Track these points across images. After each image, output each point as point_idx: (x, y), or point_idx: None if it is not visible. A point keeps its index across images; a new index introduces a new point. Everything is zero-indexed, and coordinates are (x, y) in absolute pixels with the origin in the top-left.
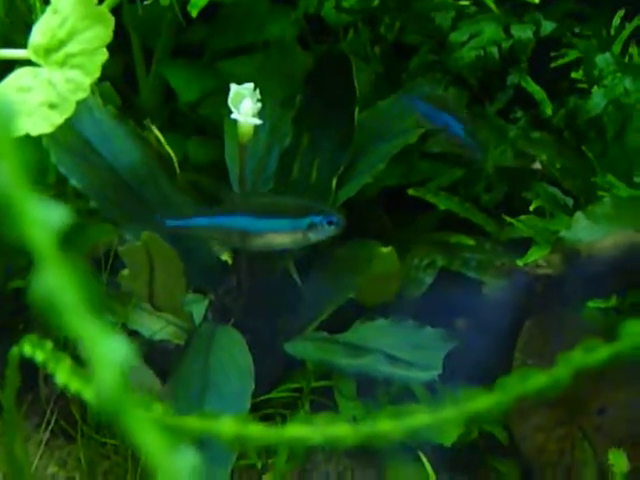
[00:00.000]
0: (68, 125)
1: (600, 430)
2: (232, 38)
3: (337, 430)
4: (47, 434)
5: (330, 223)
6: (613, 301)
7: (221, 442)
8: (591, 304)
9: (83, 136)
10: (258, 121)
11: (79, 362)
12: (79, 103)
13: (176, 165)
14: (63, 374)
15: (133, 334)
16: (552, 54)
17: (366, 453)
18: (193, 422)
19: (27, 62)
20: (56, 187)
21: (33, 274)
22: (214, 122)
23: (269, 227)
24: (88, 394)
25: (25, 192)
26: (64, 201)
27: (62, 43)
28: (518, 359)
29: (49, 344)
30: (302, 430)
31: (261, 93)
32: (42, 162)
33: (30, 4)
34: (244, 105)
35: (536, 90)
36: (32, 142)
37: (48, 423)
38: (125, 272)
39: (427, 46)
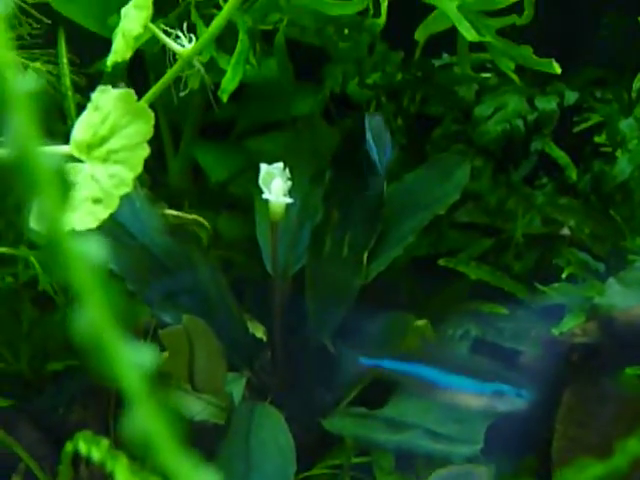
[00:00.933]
0: None
1: None
2: (259, 115)
3: None
4: None
5: (519, 395)
6: None
7: None
8: (629, 371)
9: (117, 218)
10: (289, 200)
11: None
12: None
13: (206, 240)
14: (122, 474)
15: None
16: (574, 119)
17: None
18: None
19: (69, 158)
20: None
21: (127, 413)
22: (244, 199)
23: (455, 384)
24: None
25: (116, 333)
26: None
27: (104, 139)
28: (559, 430)
29: (105, 442)
30: None
31: (290, 170)
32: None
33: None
34: (275, 185)
35: (560, 155)
36: None
37: None
38: (165, 355)
39: (450, 116)
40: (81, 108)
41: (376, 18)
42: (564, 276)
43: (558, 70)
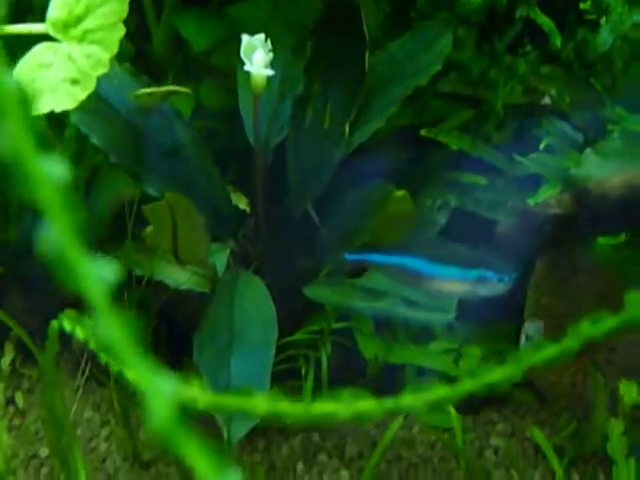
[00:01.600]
0: None
1: (611, 363)
2: None
3: (363, 405)
4: (81, 380)
5: (501, 280)
6: (623, 237)
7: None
8: (602, 241)
9: (100, 94)
10: (271, 72)
11: None
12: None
13: (189, 111)
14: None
15: (159, 285)
16: None
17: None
18: (227, 400)
19: (44, 37)
20: (77, 143)
21: (93, 320)
22: (226, 69)
23: (440, 273)
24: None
25: (79, 250)
26: (85, 157)
27: (80, 18)
28: (531, 297)
29: (88, 321)
30: (329, 406)
31: (271, 40)
32: (62, 120)
33: None
34: (256, 57)
35: (545, 21)
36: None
37: (83, 371)
38: (149, 229)
39: None
40: None
41: None
42: (542, 147)
43: None
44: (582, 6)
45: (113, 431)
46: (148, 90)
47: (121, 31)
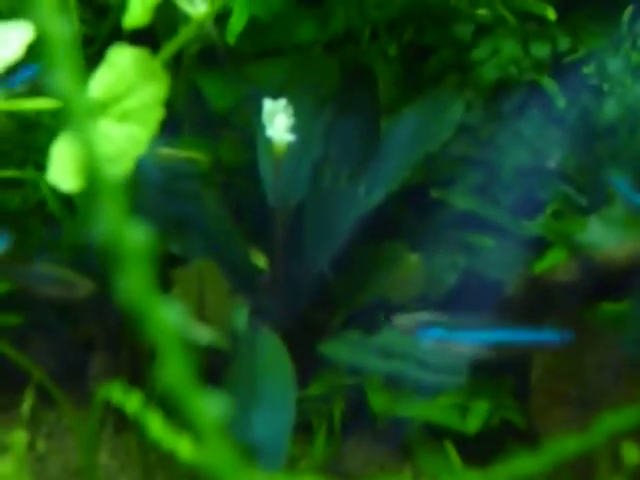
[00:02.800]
0: None
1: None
2: (261, 41)
3: None
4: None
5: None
6: (625, 305)
7: None
8: (606, 306)
9: None
10: (292, 137)
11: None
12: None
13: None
14: (156, 428)
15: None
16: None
17: (394, 439)
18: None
19: None
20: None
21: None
22: (245, 125)
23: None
24: (183, 450)
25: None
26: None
27: (120, 98)
28: (537, 360)
29: (138, 395)
30: None
31: (290, 102)
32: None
33: None
34: (278, 122)
35: (550, 85)
36: None
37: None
38: (176, 289)
39: (446, 47)
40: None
41: None
42: (548, 212)
43: (553, 16)
44: (585, 70)
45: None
46: (165, 151)
47: (160, 112)
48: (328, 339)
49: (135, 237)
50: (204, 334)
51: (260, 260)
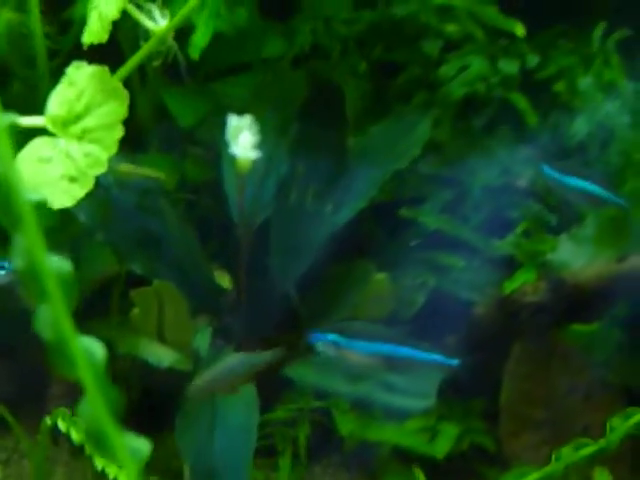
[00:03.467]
0: None
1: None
2: (227, 57)
3: None
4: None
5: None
6: (595, 325)
7: None
8: (575, 327)
9: None
10: (257, 155)
11: None
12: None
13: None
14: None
15: (142, 363)
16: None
17: (361, 463)
18: None
19: (44, 131)
20: (62, 221)
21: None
22: (210, 142)
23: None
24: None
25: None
26: (72, 233)
27: (79, 116)
28: (507, 382)
29: (81, 423)
30: None
31: (256, 119)
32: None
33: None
34: (243, 139)
35: (521, 102)
36: None
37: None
38: (135, 311)
39: (414, 64)
40: (51, 54)
41: None
42: (519, 230)
43: (522, 32)
44: (556, 87)
45: None
46: (126, 167)
47: (120, 131)
48: (294, 361)
49: (54, 266)
50: (165, 355)
51: (224, 280)
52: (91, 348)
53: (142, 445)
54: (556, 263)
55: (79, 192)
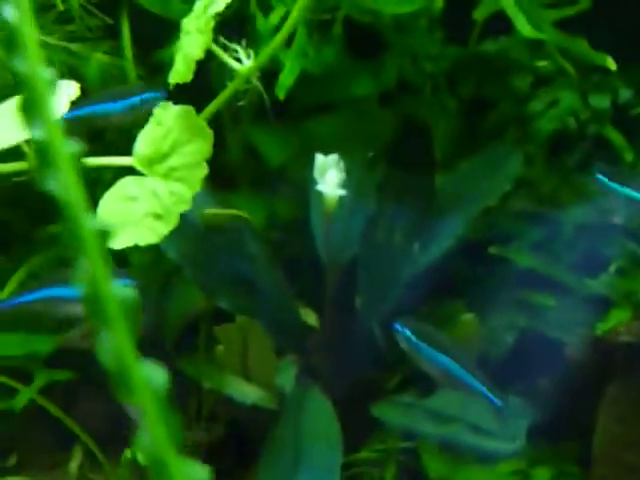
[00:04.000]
0: None
1: None
2: (317, 97)
3: None
4: None
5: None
6: None
7: None
8: None
9: None
10: (343, 192)
11: None
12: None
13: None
14: None
15: (228, 400)
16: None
17: None
18: None
19: (130, 169)
20: (153, 254)
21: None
22: (300, 180)
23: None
24: None
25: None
26: (161, 270)
27: (165, 155)
28: (600, 424)
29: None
30: None
31: (344, 157)
32: None
33: None
34: (329, 177)
35: (616, 138)
36: None
37: None
38: (220, 347)
39: (505, 101)
40: None
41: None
42: (613, 269)
43: (613, 66)
44: None
45: None
46: (214, 211)
47: (204, 170)
48: (381, 401)
49: (117, 293)
50: (249, 392)
51: (311, 318)
52: (152, 375)
53: (202, 474)
54: None
55: (164, 229)
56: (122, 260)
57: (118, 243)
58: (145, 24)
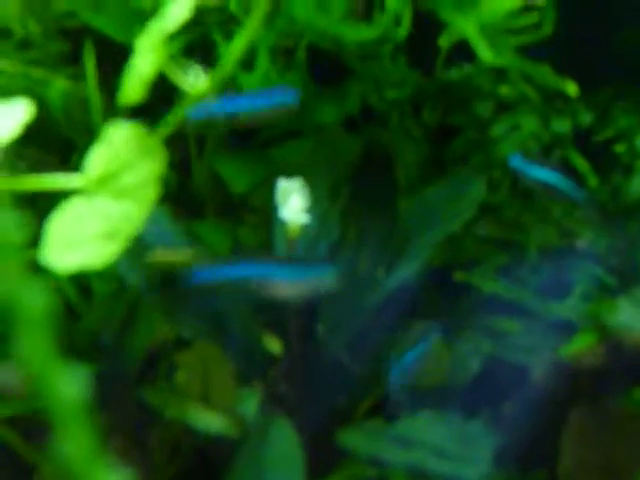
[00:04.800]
0: None
1: None
2: (282, 124)
3: None
4: None
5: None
6: None
7: None
8: (636, 393)
9: (137, 234)
10: (306, 218)
11: None
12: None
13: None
14: None
15: (190, 429)
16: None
17: None
18: None
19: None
20: (116, 282)
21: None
22: (265, 208)
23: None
24: None
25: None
26: (123, 295)
27: (116, 175)
28: (566, 449)
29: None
30: None
31: (308, 184)
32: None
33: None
34: (292, 202)
35: (580, 163)
36: None
37: None
38: (181, 374)
39: (470, 128)
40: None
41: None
42: (578, 292)
43: (574, 92)
44: (617, 149)
45: None
46: (162, 254)
47: (156, 189)
48: (346, 428)
49: (35, 299)
50: (211, 421)
51: (274, 345)
52: (70, 381)
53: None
54: (615, 326)
55: (114, 250)
56: (84, 289)
57: (66, 265)
58: (107, 50)
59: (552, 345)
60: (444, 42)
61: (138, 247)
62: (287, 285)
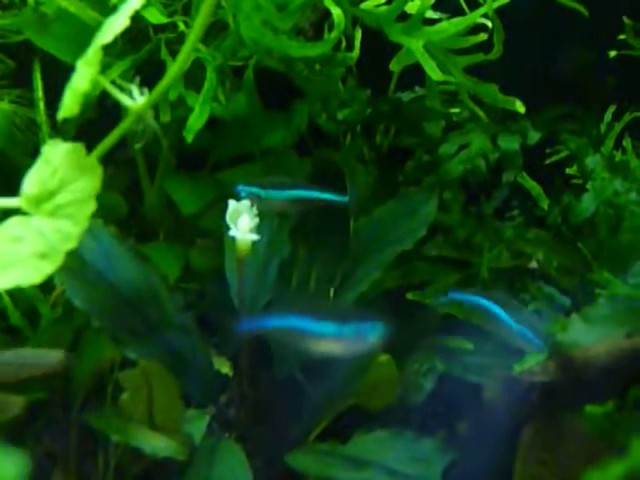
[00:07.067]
0: None
1: None
2: (231, 147)
3: None
4: None
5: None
6: (610, 405)
7: None
8: (589, 409)
9: (85, 257)
10: (255, 237)
11: None
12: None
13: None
14: None
15: (136, 451)
16: (547, 150)
17: None
18: None
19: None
20: (63, 305)
21: None
22: (216, 231)
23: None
24: None
25: None
26: (70, 319)
27: (52, 193)
28: (519, 468)
29: None
30: None
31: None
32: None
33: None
34: (242, 222)
35: (532, 186)
36: None
37: None
38: (125, 396)
39: (421, 149)
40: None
41: (349, 52)
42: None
43: (522, 109)
44: (568, 170)
45: None
46: None
47: (92, 206)
48: (297, 450)
49: None
50: (157, 443)
51: (224, 367)
52: None
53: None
54: (567, 343)
55: (48, 268)
56: (32, 313)
57: (2, 284)
58: (54, 72)
59: (504, 364)
60: (395, 66)
61: (85, 269)
62: (335, 341)
